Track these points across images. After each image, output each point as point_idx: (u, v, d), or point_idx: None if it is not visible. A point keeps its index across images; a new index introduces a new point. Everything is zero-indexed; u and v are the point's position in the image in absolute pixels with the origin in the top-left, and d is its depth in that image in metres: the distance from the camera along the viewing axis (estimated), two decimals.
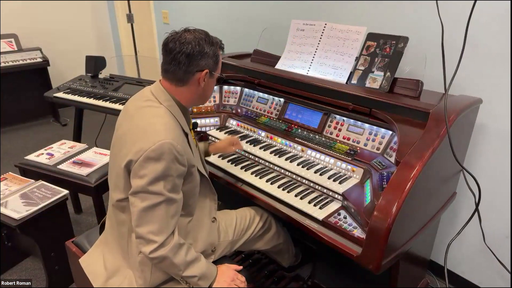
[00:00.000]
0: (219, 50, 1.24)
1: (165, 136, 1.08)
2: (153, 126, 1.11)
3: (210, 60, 1.20)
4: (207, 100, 1.34)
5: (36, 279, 2.00)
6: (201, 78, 1.19)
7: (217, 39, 1.23)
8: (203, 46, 1.17)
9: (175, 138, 1.10)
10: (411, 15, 1.78)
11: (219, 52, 1.23)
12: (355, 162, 1.47)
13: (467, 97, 1.44)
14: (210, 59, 1.19)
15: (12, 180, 1.98)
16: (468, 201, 1.75)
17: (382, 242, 1.07)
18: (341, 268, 1.63)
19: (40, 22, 4.07)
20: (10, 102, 3.88)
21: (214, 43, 1.20)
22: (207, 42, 1.18)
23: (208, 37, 1.20)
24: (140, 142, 1.08)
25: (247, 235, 1.49)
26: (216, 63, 1.23)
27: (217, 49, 1.22)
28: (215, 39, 1.22)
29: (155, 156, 1.05)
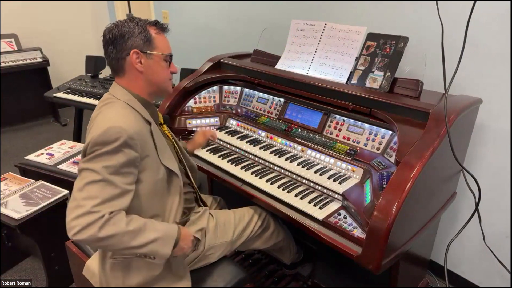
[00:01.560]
0: (150, 26, 1.19)
1: (115, 121, 1.07)
2: (106, 116, 1.11)
3: (138, 39, 1.15)
4: (164, 86, 1.26)
5: (36, 279, 2.00)
6: (133, 61, 1.16)
7: (147, 19, 1.21)
8: (124, 27, 1.14)
9: (127, 123, 1.08)
10: (411, 15, 1.78)
11: (150, 28, 1.18)
12: (355, 162, 1.47)
13: (467, 97, 1.44)
14: (136, 38, 1.15)
15: (12, 180, 1.98)
16: (468, 201, 1.75)
17: (382, 242, 1.07)
18: (341, 268, 1.63)
19: (40, 22, 4.07)
20: (10, 102, 3.88)
21: (139, 21, 1.17)
22: (129, 22, 1.16)
23: (133, 18, 1.18)
24: (91, 132, 1.08)
25: (246, 234, 1.48)
26: (147, 40, 1.17)
27: (146, 26, 1.17)
28: (142, 21, 1.18)
29: (103, 140, 1.03)
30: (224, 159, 1.69)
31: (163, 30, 1.22)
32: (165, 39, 1.22)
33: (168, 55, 1.22)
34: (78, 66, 3.58)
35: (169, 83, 1.27)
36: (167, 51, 1.22)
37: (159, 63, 1.20)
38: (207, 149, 1.78)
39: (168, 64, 1.23)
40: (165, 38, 1.22)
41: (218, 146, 1.83)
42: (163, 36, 1.22)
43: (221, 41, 2.94)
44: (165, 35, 1.23)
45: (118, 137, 1.03)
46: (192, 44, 3.27)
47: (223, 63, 2.05)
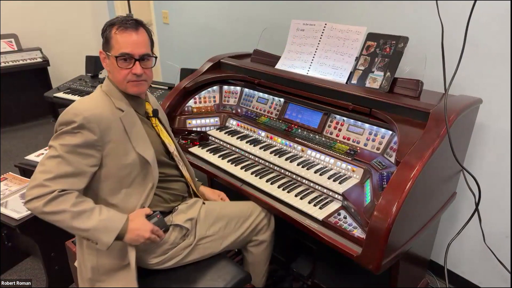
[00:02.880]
0: (113, 25, 1.21)
1: (77, 105, 1.17)
2: (77, 101, 1.21)
3: (103, 39, 1.23)
4: (122, 87, 1.26)
5: (36, 279, 2.00)
6: (102, 58, 1.27)
7: (119, 18, 1.23)
8: (104, 26, 1.23)
9: (88, 107, 1.16)
10: (411, 15, 1.78)
11: (112, 28, 1.21)
12: (355, 162, 1.47)
13: (467, 97, 1.44)
14: (104, 38, 1.23)
15: (12, 180, 1.98)
16: (468, 201, 1.75)
17: (382, 242, 1.07)
18: (341, 268, 1.63)
19: (40, 22, 4.07)
20: (10, 102, 3.88)
21: (112, 20, 1.22)
22: (107, 22, 1.23)
23: (117, 17, 1.24)
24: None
25: (240, 231, 1.43)
26: (106, 41, 1.23)
27: (109, 25, 1.22)
28: (118, 19, 1.22)
29: (62, 120, 1.14)
30: (224, 159, 1.69)
31: (124, 28, 1.20)
32: (124, 38, 1.19)
33: (118, 56, 1.20)
34: (78, 66, 3.57)
35: (129, 84, 1.24)
36: (118, 51, 1.20)
37: (113, 63, 1.22)
38: (207, 149, 1.78)
39: (124, 64, 1.21)
40: (124, 37, 1.20)
41: (218, 146, 1.83)
42: (123, 34, 1.20)
43: (221, 41, 2.94)
44: (129, 33, 1.20)
45: (74, 119, 1.12)
46: (192, 44, 3.27)
47: (223, 63, 2.05)
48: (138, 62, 1.22)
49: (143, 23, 1.27)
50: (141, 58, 1.22)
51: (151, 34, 1.30)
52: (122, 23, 1.19)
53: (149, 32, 1.29)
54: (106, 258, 1.22)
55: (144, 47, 1.23)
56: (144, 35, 1.24)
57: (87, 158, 1.13)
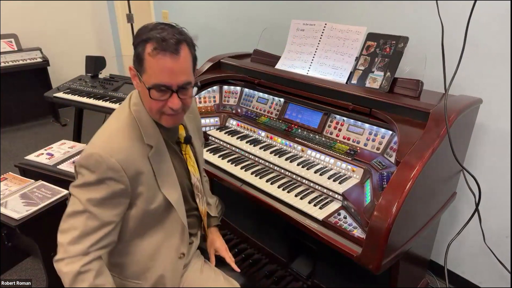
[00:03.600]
0: (152, 41, 0.94)
1: (99, 146, 0.97)
2: (99, 132, 1.03)
3: (135, 51, 0.98)
4: (156, 118, 1.05)
5: (36, 279, 2.00)
6: (132, 75, 1.04)
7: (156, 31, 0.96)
8: (136, 35, 0.99)
9: (114, 150, 0.97)
10: (411, 15, 1.78)
11: (150, 43, 0.94)
12: (355, 162, 1.47)
13: (467, 97, 1.44)
14: (135, 54, 0.99)
15: (12, 180, 1.98)
16: (468, 201, 1.75)
17: (382, 242, 1.07)
18: (341, 268, 1.63)
19: (40, 22, 4.07)
20: (10, 102, 3.88)
21: (153, 29, 0.96)
22: (141, 30, 0.99)
23: (159, 23, 0.99)
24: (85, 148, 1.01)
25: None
26: (138, 60, 0.98)
27: (148, 38, 0.95)
28: (155, 31, 0.95)
29: (84, 164, 0.97)
30: (224, 159, 1.69)
31: (162, 51, 0.93)
32: (161, 65, 0.94)
33: (150, 87, 0.97)
34: (78, 66, 3.57)
35: (163, 117, 1.04)
36: (151, 81, 0.97)
37: (145, 92, 0.99)
38: (207, 149, 1.78)
39: (158, 95, 0.98)
40: (161, 63, 0.94)
41: (218, 146, 1.83)
42: (160, 59, 0.94)
43: (221, 41, 2.94)
44: (167, 58, 0.94)
45: (97, 167, 0.95)
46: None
47: (223, 63, 2.05)
48: (176, 94, 0.99)
49: (186, 38, 0.99)
50: (181, 88, 0.99)
51: (195, 51, 1.03)
52: (159, 41, 0.93)
53: (193, 50, 1.02)
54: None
55: (186, 74, 0.99)
56: (186, 57, 0.98)
57: (116, 207, 1.00)
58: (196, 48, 1.02)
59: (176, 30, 0.98)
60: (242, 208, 1.98)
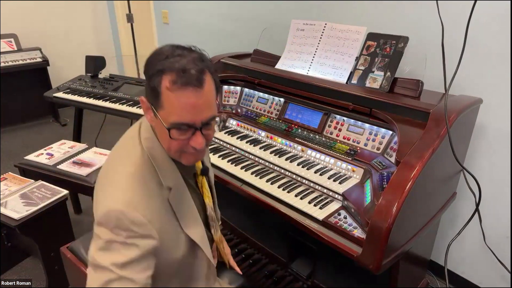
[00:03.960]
0: (170, 71, 0.80)
1: (117, 199, 0.83)
2: (112, 180, 0.88)
3: (149, 81, 0.84)
4: (174, 156, 0.92)
5: (36, 279, 2.00)
6: (143, 106, 0.90)
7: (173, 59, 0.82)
8: (149, 62, 0.85)
9: (135, 201, 0.84)
10: (411, 15, 1.78)
11: (167, 75, 0.80)
12: (355, 162, 1.47)
13: (467, 97, 1.44)
14: (149, 77, 0.84)
15: (12, 180, 1.98)
16: (469, 201, 1.75)
17: (382, 242, 1.07)
18: (341, 268, 1.63)
19: (40, 22, 4.07)
20: (10, 102, 3.87)
21: (160, 63, 0.81)
22: (155, 57, 0.84)
23: (161, 52, 0.84)
24: (98, 202, 0.86)
25: None
26: (153, 93, 0.83)
27: (160, 75, 0.81)
28: (172, 59, 0.81)
29: (104, 223, 0.82)
30: (224, 159, 1.69)
31: (183, 85, 0.80)
32: (182, 102, 0.81)
33: (170, 127, 0.84)
34: (78, 66, 3.57)
35: (184, 156, 0.91)
36: (171, 119, 0.83)
37: (162, 127, 0.86)
38: None
39: (178, 134, 0.85)
40: (182, 100, 0.81)
41: (218, 146, 1.83)
42: (180, 96, 0.81)
43: (221, 41, 2.94)
44: (189, 93, 0.81)
45: (119, 225, 0.81)
46: (192, 44, 3.26)
47: (223, 63, 2.05)
48: (200, 131, 0.86)
49: (209, 64, 0.86)
50: (204, 124, 0.86)
51: (218, 78, 0.90)
52: (179, 73, 0.80)
53: (216, 77, 0.89)
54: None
55: (210, 108, 0.86)
56: (210, 88, 0.85)
57: (140, 266, 0.84)
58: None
59: (197, 56, 0.85)
60: (242, 208, 1.98)
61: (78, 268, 1.38)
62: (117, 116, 2.61)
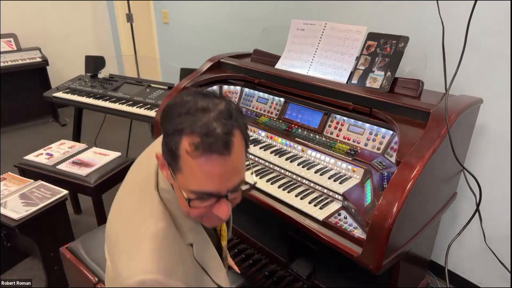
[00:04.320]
0: (192, 134, 0.67)
1: (149, 267, 0.71)
2: (137, 243, 0.75)
3: (167, 137, 0.72)
4: (188, 216, 0.79)
5: (36, 279, 2.00)
6: (161, 166, 0.79)
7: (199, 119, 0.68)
8: (167, 113, 0.73)
9: (168, 268, 0.73)
10: (411, 15, 1.78)
11: (188, 137, 0.68)
12: (356, 162, 1.47)
13: (468, 97, 1.44)
14: (167, 133, 0.71)
15: (12, 180, 1.98)
16: (469, 201, 1.75)
17: (383, 242, 1.07)
18: (341, 268, 1.62)
19: (40, 22, 4.06)
20: (9, 102, 3.87)
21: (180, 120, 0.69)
22: (174, 108, 0.71)
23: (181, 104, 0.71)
24: (123, 266, 0.74)
25: None
26: (171, 156, 0.71)
27: (180, 135, 0.68)
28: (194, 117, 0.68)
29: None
30: None
31: (207, 152, 0.67)
32: (205, 170, 0.69)
33: (189, 197, 0.72)
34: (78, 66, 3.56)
35: (205, 221, 0.80)
36: (190, 186, 0.71)
37: (180, 192, 0.75)
38: None
39: (200, 203, 0.74)
40: (206, 169, 0.68)
41: None
42: (203, 164, 0.68)
43: (221, 40, 2.94)
44: (214, 161, 0.68)
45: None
46: (192, 43, 3.27)
47: (223, 63, 2.05)
48: (226, 199, 0.74)
49: (238, 119, 0.73)
50: (231, 191, 0.74)
51: (247, 131, 0.77)
52: (202, 137, 0.67)
53: (246, 131, 0.76)
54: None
55: (238, 173, 0.74)
56: (239, 150, 0.72)
57: None
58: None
59: (224, 109, 0.71)
60: (242, 208, 1.97)
61: (77, 268, 1.38)
62: (116, 116, 2.61)
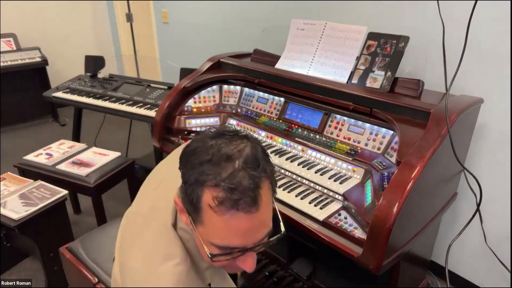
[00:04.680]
0: (215, 187, 0.62)
1: None
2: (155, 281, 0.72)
3: (187, 185, 0.66)
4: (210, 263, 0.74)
5: (36, 279, 2.00)
6: (177, 206, 0.75)
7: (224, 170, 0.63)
8: (187, 158, 0.68)
9: None
10: (411, 15, 1.78)
11: (211, 190, 0.63)
12: (356, 162, 1.46)
13: (468, 97, 1.44)
14: (184, 190, 0.68)
15: (11, 180, 1.98)
16: (469, 202, 1.74)
17: (383, 242, 1.07)
18: (342, 269, 1.62)
19: (39, 22, 4.06)
20: (9, 101, 3.86)
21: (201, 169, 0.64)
22: (195, 154, 0.66)
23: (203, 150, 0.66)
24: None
25: None
26: (191, 206, 0.67)
27: (201, 187, 0.64)
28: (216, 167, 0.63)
29: None
30: None
31: (235, 208, 0.62)
32: (229, 225, 0.64)
33: (212, 252, 0.68)
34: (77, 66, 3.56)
35: (225, 268, 0.78)
36: (213, 240, 0.67)
37: (200, 242, 0.71)
38: None
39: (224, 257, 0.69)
40: (231, 225, 0.64)
41: None
42: (229, 221, 0.63)
43: (221, 40, 2.94)
44: (240, 218, 0.63)
45: None
46: (192, 43, 3.27)
47: (223, 63, 2.05)
48: (251, 252, 0.69)
49: (266, 168, 0.67)
50: (259, 244, 0.69)
51: (274, 176, 0.71)
52: (227, 192, 0.62)
53: (274, 180, 0.71)
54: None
55: (267, 225, 0.69)
56: (267, 203, 0.67)
57: None
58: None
59: (249, 155, 0.65)
60: None
61: (77, 268, 1.38)
62: (116, 116, 2.61)
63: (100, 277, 1.31)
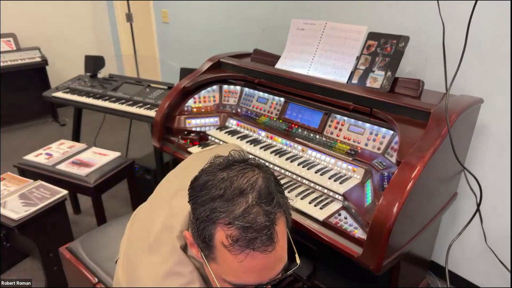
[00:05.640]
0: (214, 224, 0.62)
1: None
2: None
3: (195, 229, 0.67)
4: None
5: (36, 279, 2.00)
6: (187, 240, 0.74)
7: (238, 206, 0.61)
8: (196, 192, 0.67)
9: None
10: (411, 15, 1.77)
11: (224, 228, 0.62)
12: (356, 162, 1.46)
13: (468, 97, 1.44)
14: (195, 226, 0.66)
15: (11, 180, 1.97)
16: (469, 202, 1.74)
17: (383, 242, 1.07)
18: (342, 269, 1.62)
19: (39, 22, 4.06)
20: (9, 101, 3.86)
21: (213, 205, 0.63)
22: (206, 188, 0.65)
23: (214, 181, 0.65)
24: None
25: None
26: (204, 244, 0.66)
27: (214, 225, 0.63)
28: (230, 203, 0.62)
29: None
30: None
31: (250, 248, 0.61)
32: (244, 265, 0.62)
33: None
34: (77, 66, 3.56)
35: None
36: (226, 277, 0.65)
37: (213, 279, 0.69)
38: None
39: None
40: (244, 264, 0.62)
41: None
42: (243, 257, 0.61)
43: (221, 40, 2.94)
44: (256, 257, 0.62)
45: None
46: (192, 43, 3.26)
47: (223, 63, 2.05)
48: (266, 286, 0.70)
49: (280, 200, 0.68)
50: (274, 279, 0.69)
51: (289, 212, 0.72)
52: (242, 232, 0.60)
53: (289, 212, 0.72)
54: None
55: (282, 261, 0.68)
56: (283, 238, 0.66)
57: None
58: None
59: (263, 188, 0.64)
60: None
61: (77, 268, 1.38)
62: (116, 115, 2.61)
63: (100, 277, 1.31)
